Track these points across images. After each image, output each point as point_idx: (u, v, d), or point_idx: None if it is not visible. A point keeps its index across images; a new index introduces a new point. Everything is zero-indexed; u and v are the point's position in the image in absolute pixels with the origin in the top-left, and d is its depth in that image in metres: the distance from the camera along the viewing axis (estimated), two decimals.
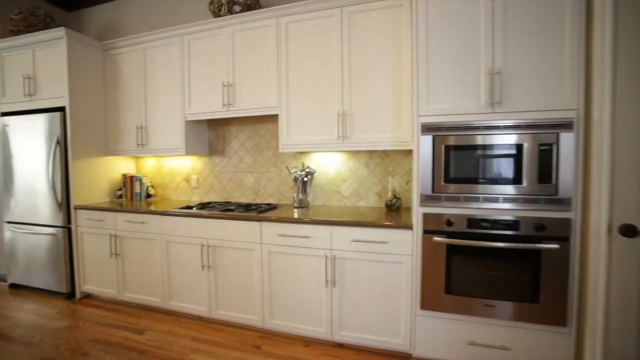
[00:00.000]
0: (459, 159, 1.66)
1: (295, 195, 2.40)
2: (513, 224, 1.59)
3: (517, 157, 1.56)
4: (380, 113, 2.05)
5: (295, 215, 2.04)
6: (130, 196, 3.02)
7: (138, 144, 2.77)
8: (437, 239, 1.69)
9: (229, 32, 2.37)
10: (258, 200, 2.75)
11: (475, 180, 1.64)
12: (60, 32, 2.54)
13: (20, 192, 2.82)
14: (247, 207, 2.38)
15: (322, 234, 1.90)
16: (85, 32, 3.38)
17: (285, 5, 2.18)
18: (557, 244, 1.51)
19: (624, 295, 1.23)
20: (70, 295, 2.70)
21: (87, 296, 2.75)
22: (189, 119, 2.58)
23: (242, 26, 2.33)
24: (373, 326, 1.85)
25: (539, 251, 1.54)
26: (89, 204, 2.72)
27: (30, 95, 2.76)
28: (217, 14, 2.44)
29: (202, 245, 2.21)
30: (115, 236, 2.51)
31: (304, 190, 2.40)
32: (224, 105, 2.41)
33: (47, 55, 2.67)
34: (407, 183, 2.34)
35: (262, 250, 2.05)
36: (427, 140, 1.71)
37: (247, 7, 2.40)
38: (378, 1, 2.00)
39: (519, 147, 1.56)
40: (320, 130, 2.17)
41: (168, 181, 3.13)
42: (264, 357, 1.86)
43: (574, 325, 1.52)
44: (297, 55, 2.20)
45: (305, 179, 2.39)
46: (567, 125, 1.49)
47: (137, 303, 2.52)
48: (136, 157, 3.24)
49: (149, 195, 3.10)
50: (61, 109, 2.63)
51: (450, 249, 1.68)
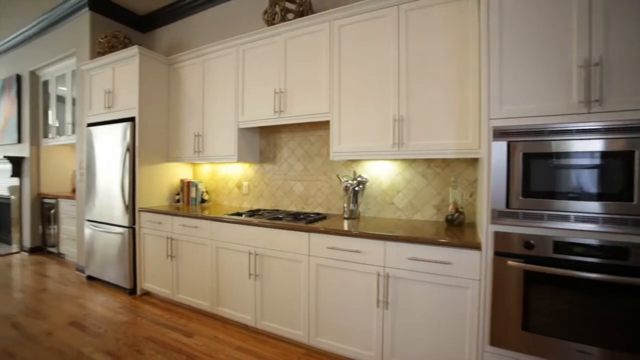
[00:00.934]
0: (542, 169, 1.39)
1: (345, 206, 2.28)
2: (619, 252, 1.26)
3: (626, 168, 1.25)
4: (441, 118, 1.85)
5: (346, 227, 1.91)
6: (187, 201, 3.17)
7: (195, 151, 2.91)
8: (512, 263, 1.42)
9: (281, 40, 2.37)
10: (307, 209, 2.69)
11: (564, 195, 1.35)
12: (134, 50, 2.80)
13: (99, 194, 3.14)
14: (296, 216, 2.32)
15: (375, 249, 1.74)
16: (157, 50, 3.71)
17: (338, 8, 2.11)
18: None
19: None
20: (132, 291, 2.90)
21: (146, 293, 2.92)
22: (241, 126, 2.63)
23: (294, 33, 2.31)
24: (430, 357, 1.63)
25: None
26: (150, 206, 2.91)
27: (108, 107, 3.08)
28: (270, 22, 2.47)
29: (250, 254, 2.19)
30: (171, 239, 2.63)
31: (355, 201, 2.27)
32: (275, 112, 2.41)
33: (123, 72, 2.96)
34: (471, 196, 2.07)
35: (309, 263, 1.96)
36: (500, 147, 1.47)
37: (300, 14, 2.39)
38: None
39: (627, 154, 1.25)
40: (374, 137, 2.03)
41: (221, 187, 3.24)
42: None
43: None
44: (350, 59, 2.11)
45: (357, 188, 2.26)
46: None
47: (188, 305, 2.60)
48: (193, 164, 3.42)
49: (203, 201, 3.23)
50: (132, 119, 2.88)
51: (530, 276, 1.40)
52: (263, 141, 2.93)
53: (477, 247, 1.51)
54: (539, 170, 1.40)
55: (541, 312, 1.39)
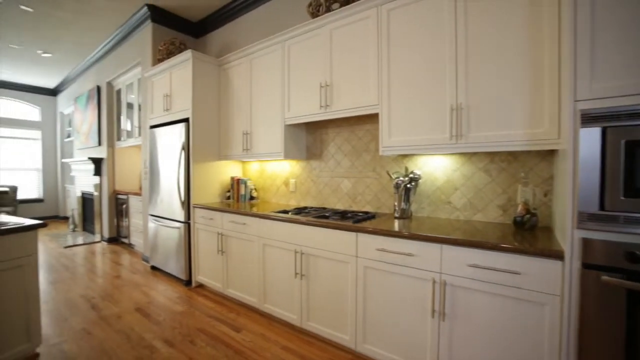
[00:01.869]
0: None
1: (396, 204, 2.12)
2: None
3: None
4: (508, 104, 1.59)
5: (396, 228, 1.76)
6: (237, 197, 3.27)
7: (243, 149, 2.98)
8: (608, 279, 1.15)
9: (326, 31, 2.28)
10: (354, 208, 2.57)
11: None
12: (187, 54, 2.94)
13: (160, 191, 3.39)
14: (343, 215, 2.23)
15: (429, 253, 1.56)
16: (209, 53, 3.89)
17: None
18: None
19: None
20: (188, 282, 3.07)
21: (200, 286, 3.08)
22: (287, 122, 2.60)
23: (340, 22, 2.20)
24: None
25: None
26: (203, 203, 3.04)
27: (167, 110, 3.30)
28: (315, 14, 2.39)
29: (296, 252, 2.15)
30: (222, 234, 2.72)
31: (407, 199, 2.10)
32: (321, 107, 2.33)
33: (178, 76, 3.14)
34: (545, 195, 1.77)
35: (357, 264, 1.85)
36: (591, 135, 1.19)
37: (346, 3, 2.27)
38: None
39: None
40: (428, 129, 1.83)
41: (269, 184, 3.27)
42: None
43: None
44: (399, 45, 1.94)
45: (409, 185, 2.08)
46: None
47: (237, 300, 2.67)
48: (243, 162, 3.52)
49: (252, 198, 3.30)
50: (186, 120, 3.04)
51: (636, 297, 1.12)
52: (309, 137, 2.88)
53: (557, 256, 1.26)
54: None
55: None
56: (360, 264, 1.82)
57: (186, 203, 3.04)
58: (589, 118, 1.20)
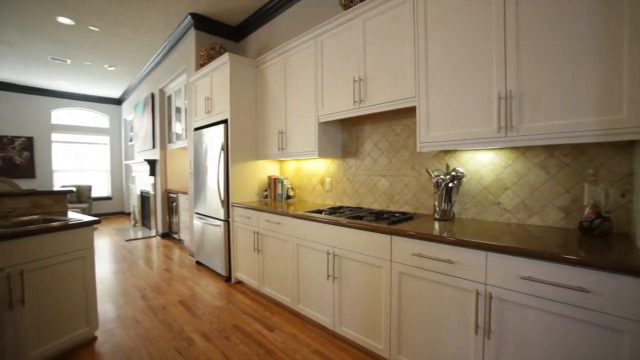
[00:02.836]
0: None
1: (436, 204, 1.95)
2: None
3: None
4: (573, 87, 1.34)
5: (436, 231, 1.60)
6: (274, 196, 3.30)
7: (279, 148, 2.99)
8: None
9: (359, 23, 2.17)
10: (392, 208, 2.43)
11: None
12: (225, 57, 3.03)
13: (203, 190, 3.57)
14: (379, 216, 2.11)
15: (472, 260, 1.39)
16: (248, 55, 3.99)
17: None
18: None
19: None
20: (227, 279, 3.18)
21: (239, 282, 3.16)
22: (321, 120, 2.54)
23: (373, 12, 2.08)
24: None
25: None
26: (241, 202, 3.12)
27: (208, 112, 3.44)
28: (347, 5, 2.29)
29: (328, 254, 2.08)
30: (258, 233, 2.76)
31: (448, 199, 1.91)
32: (354, 102, 2.23)
33: (218, 79, 3.25)
34: (623, 195, 1.47)
35: (391, 269, 1.72)
36: None
37: None
38: None
39: None
40: (471, 122, 1.64)
41: (305, 183, 3.25)
42: None
43: None
44: (438, 30, 1.76)
45: (450, 184, 1.89)
46: None
47: (272, 298, 2.68)
48: (280, 161, 3.54)
49: (288, 197, 3.31)
50: (225, 121, 3.14)
51: None
52: (345, 135, 2.79)
53: None
54: None
55: None
56: (395, 269, 1.69)
57: (226, 202, 3.15)
58: None
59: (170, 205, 5.21)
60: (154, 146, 5.49)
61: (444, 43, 1.74)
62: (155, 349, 2.01)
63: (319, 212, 2.37)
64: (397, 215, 2.12)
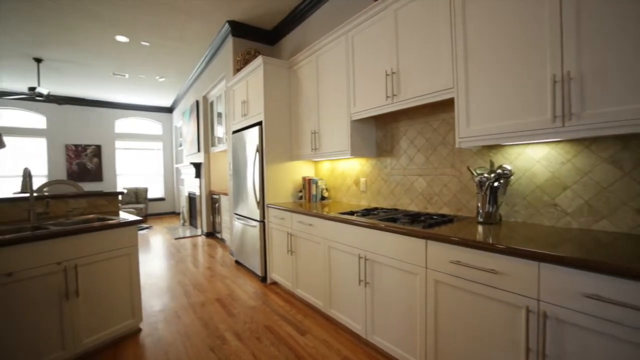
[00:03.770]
0: None
1: (479, 206, 1.75)
2: None
3: None
4: None
5: (478, 235, 1.42)
6: (308, 197, 3.27)
7: (312, 148, 2.95)
8: None
9: (390, 13, 2.04)
10: (430, 210, 2.25)
11: None
12: (259, 60, 3.08)
13: (241, 191, 3.67)
14: (414, 218, 1.96)
15: (521, 271, 1.20)
16: (283, 58, 4.03)
17: None
18: None
19: None
20: (263, 279, 3.22)
21: (274, 283, 3.18)
22: (354, 118, 2.45)
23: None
24: None
25: None
26: (276, 203, 3.14)
27: (244, 115, 3.53)
28: None
29: (360, 257, 1.99)
30: (291, 234, 2.74)
31: (493, 200, 1.70)
32: (387, 97, 2.11)
33: (253, 82, 3.32)
34: None
35: (426, 277, 1.57)
36: None
37: None
38: None
39: None
40: (520, 111, 1.43)
41: (340, 184, 3.18)
42: None
43: None
44: (477, 12, 1.57)
45: (496, 183, 1.69)
46: None
47: (305, 301, 2.64)
48: (314, 161, 3.51)
49: (323, 198, 3.26)
50: (259, 123, 3.19)
51: None
52: (379, 133, 2.66)
53: None
54: None
55: None
56: (431, 277, 1.54)
57: (261, 203, 3.19)
58: None
59: (214, 206, 5.47)
60: (198, 150, 5.82)
61: (484, 24, 1.55)
62: (191, 345, 2.08)
63: (351, 213, 2.27)
64: (435, 217, 1.95)
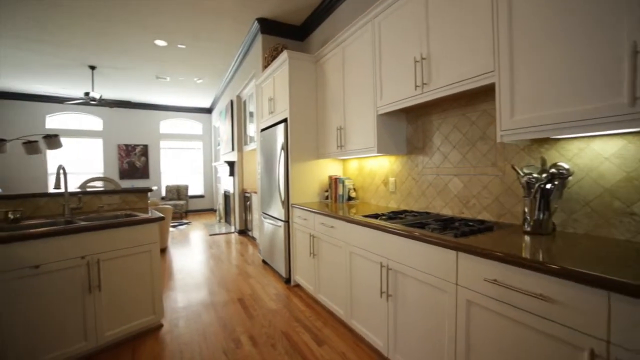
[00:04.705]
0: None
1: (526, 212, 1.45)
2: None
3: None
4: None
5: (524, 249, 1.15)
6: (335, 198, 3.11)
7: (338, 146, 2.78)
8: None
9: None
10: (466, 214, 1.97)
11: None
12: (284, 55, 2.98)
13: (267, 190, 3.62)
14: (447, 224, 1.71)
15: (585, 302, 0.92)
16: (312, 53, 3.90)
17: None
18: None
19: None
20: (287, 280, 3.12)
21: (297, 285, 3.07)
22: (380, 112, 2.24)
23: None
24: None
25: None
26: (301, 202, 3.02)
27: (271, 112, 3.47)
28: None
29: (382, 266, 1.78)
30: (313, 236, 2.60)
31: (545, 206, 1.40)
32: (416, 87, 1.87)
33: (279, 78, 3.23)
34: None
35: (457, 295, 1.33)
36: None
37: None
38: None
39: None
40: (583, 94, 1.13)
41: (368, 184, 2.97)
42: None
43: None
44: None
45: (548, 185, 1.39)
46: None
47: (326, 307, 2.49)
48: (342, 159, 3.34)
49: (350, 198, 3.07)
50: (285, 120, 3.09)
51: None
52: (410, 128, 2.41)
53: None
54: None
55: None
56: (462, 296, 1.30)
57: (286, 202, 3.10)
58: None
59: (245, 204, 5.53)
60: (232, 149, 5.93)
61: None
62: (207, 346, 2.03)
63: (375, 216, 2.07)
64: (471, 224, 1.69)
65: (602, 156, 1.33)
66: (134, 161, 8.21)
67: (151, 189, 2.89)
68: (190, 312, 2.54)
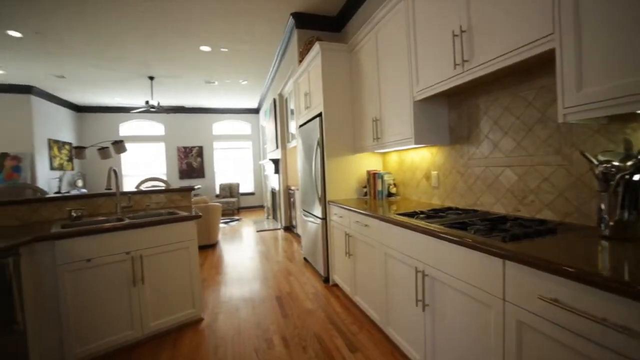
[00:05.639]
0: None
1: (603, 210, 1.15)
2: None
3: None
4: None
5: (600, 260, 0.89)
6: (373, 194, 2.93)
7: (374, 138, 2.60)
8: None
9: None
10: (522, 213, 1.66)
11: None
12: (316, 47, 2.87)
13: (307, 187, 3.57)
14: (495, 225, 1.45)
15: None
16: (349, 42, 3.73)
17: None
18: None
19: None
20: (326, 279, 3.04)
21: (335, 285, 2.97)
22: (417, 98, 2.01)
23: None
24: None
25: None
26: (337, 199, 2.90)
27: (307, 107, 3.40)
28: None
29: (417, 271, 1.59)
30: (349, 235, 2.47)
31: (631, 203, 1.08)
32: (456, 65, 1.62)
33: (313, 72, 3.14)
34: None
35: (504, 312, 1.10)
36: None
37: None
38: None
39: None
40: None
41: (409, 178, 2.73)
42: None
43: None
44: None
45: (636, 177, 1.07)
46: None
47: (363, 310, 2.34)
48: (381, 153, 3.13)
49: (390, 194, 2.86)
50: (320, 115, 2.99)
51: None
52: (453, 114, 2.14)
53: None
54: None
55: None
56: (510, 315, 1.07)
57: (323, 199, 3.01)
58: None
59: (289, 201, 5.59)
60: (277, 147, 6.04)
61: None
62: (239, 342, 2.05)
63: (412, 214, 1.86)
64: (527, 224, 1.40)
65: None
66: (191, 162, 8.88)
67: (194, 188, 3.03)
68: (230, 307, 2.60)
